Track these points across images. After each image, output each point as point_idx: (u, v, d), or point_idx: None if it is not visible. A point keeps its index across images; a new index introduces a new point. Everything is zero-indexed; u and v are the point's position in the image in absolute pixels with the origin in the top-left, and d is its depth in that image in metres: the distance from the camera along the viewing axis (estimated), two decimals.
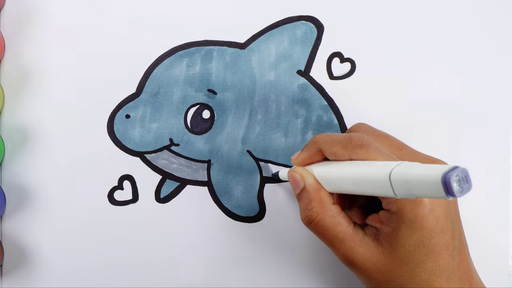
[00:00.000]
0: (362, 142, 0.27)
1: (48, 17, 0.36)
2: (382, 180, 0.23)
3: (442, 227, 0.26)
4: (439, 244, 0.26)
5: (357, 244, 0.27)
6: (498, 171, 0.37)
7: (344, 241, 0.27)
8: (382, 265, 0.27)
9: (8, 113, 0.36)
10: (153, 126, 0.36)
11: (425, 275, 0.26)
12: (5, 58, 0.36)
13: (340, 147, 0.27)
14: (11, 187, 0.36)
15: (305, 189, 0.29)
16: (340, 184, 0.27)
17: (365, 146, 0.27)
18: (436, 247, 0.26)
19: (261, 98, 0.36)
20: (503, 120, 0.37)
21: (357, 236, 0.27)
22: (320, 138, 0.29)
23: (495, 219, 0.36)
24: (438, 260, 0.26)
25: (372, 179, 0.24)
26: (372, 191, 0.25)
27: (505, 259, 0.36)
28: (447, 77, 0.37)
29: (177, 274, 0.36)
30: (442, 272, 0.26)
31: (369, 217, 0.28)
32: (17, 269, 0.36)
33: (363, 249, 0.27)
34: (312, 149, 0.29)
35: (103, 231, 0.36)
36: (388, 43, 0.37)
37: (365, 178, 0.25)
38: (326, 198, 0.28)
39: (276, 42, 0.36)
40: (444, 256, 0.26)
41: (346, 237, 0.27)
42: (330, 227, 0.28)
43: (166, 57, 0.36)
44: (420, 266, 0.26)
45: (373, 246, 0.27)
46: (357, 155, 0.27)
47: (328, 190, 0.28)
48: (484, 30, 0.37)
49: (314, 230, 0.28)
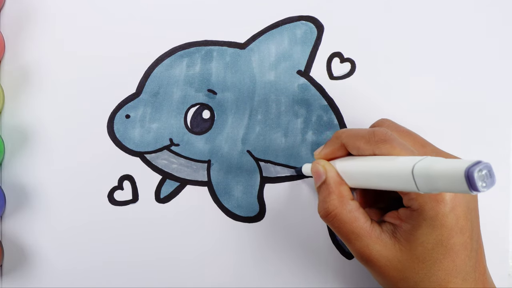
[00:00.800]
0: (385, 136, 0.27)
1: (48, 17, 0.36)
2: (405, 174, 0.23)
3: (462, 226, 0.26)
4: (457, 244, 0.26)
5: (373, 241, 0.27)
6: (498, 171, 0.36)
7: (360, 237, 0.27)
8: (398, 263, 0.26)
9: (8, 113, 0.36)
10: (153, 126, 0.36)
11: (442, 275, 0.26)
12: (5, 58, 0.36)
13: (363, 142, 0.27)
14: (11, 187, 0.36)
15: (326, 182, 0.28)
16: (362, 179, 0.27)
17: (388, 140, 0.26)
18: (455, 246, 0.26)
19: (261, 98, 0.36)
20: (503, 120, 0.37)
21: (374, 232, 0.27)
22: (343, 133, 0.29)
23: (495, 219, 0.36)
24: (455, 260, 0.26)
25: (395, 173, 0.24)
26: (395, 186, 0.25)
27: (505, 259, 0.36)
28: (447, 77, 0.37)
29: (177, 274, 0.36)
30: (459, 272, 0.26)
31: (387, 214, 0.28)
32: (17, 269, 0.36)
33: (380, 246, 0.27)
34: (335, 144, 0.29)
35: (103, 231, 0.36)
36: (388, 43, 0.37)
37: (388, 172, 0.25)
38: (346, 192, 0.28)
39: (276, 42, 0.36)
40: (461, 256, 0.26)
41: (362, 233, 0.27)
42: (347, 221, 0.27)
43: (166, 57, 0.36)
44: (437, 265, 0.26)
45: (390, 243, 0.27)
46: (381, 149, 0.26)
47: (350, 185, 0.28)
48: (484, 30, 0.37)
49: (330, 223, 0.28)
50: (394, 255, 0.26)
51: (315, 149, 0.36)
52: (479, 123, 0.37)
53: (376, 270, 0.27)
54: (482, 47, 0.37)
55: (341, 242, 0.36)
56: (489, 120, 0.37)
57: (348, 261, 0.36)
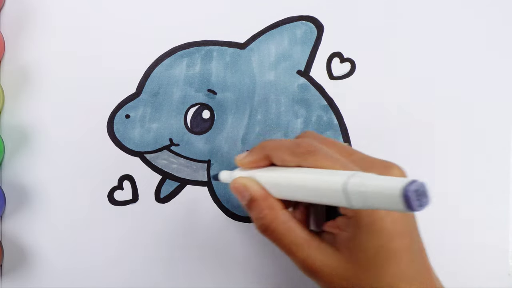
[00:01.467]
0: (311, 148, 0.26)
1: (48, 17, 0.36)
2: (335, 190, 0.23)
3: (401, 230, 0.25)
4: (399, 248, 0.25)
5: (314, 251, 0.26)
6: (498, 171, 0.37)
7: (301, 248, 0.26)
8: (343, 272, 0.26)
9: (8, 113, 0.36)
10: (153, 126, 0.36)
11: (388, 280, 0.25)
12: (5, 58, 0.36)
13: (288, 153, 0.27)
14: (11, 187, 0.36)
15: (253, 198, 0.28)
16: (289, 192, 0.26)
17: (314, 152, 0.26)
18: (397, 250, 0.25)
19: (261, 98, 0.36)
20: (503, 120, 0.37)
21: (314, 242, 0.26)
22: (268, 145, 0.28)
23: (495, 219, 0.36)
24: (399, 265, 0.25)
25: (324, 188, 0.24)
26: (325, 201, 0.24)
27: (505, 259, 0.36)
28: (447, 77, 0.37)
29: (177, 274, 0.36)
30: (404, 276, 0.25)
31: (326, 224, 0.27)
32: (17, 269, 0.36)
33: (322, 256, 0.26)
34: (260, 154, 0.28)
35: (103, 231, 0.36)
36: (388, 43, 0.37)
37: (318, 187, 0.24)
38: (275, 204, 0.27)
39: (276, 42, 0.36)
40: (405, 260, 0.25)
41: (302, 243, 0.26)
42: (285, 233, 0.27)
43: (166, 57, 0.36)
44: (382, 271, 0.25)
45: (331, 253, 0.26)
46: (307, 161, 0.26)
47: (275, 196, 0.27)
48: (484, 30, 0.37)
49: (270, 237, 0.27)
50: (337, 264, 0.26)
51: None
52: (479, 123, 0.37)
53: (322, 281, 0.26)
54: (482, 47, 0.37)
55: None
56: (489, 120, 0.37)
57: None
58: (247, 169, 0.29)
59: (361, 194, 0.21)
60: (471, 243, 0.36)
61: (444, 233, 0.36)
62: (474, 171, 0.37)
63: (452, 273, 0.36)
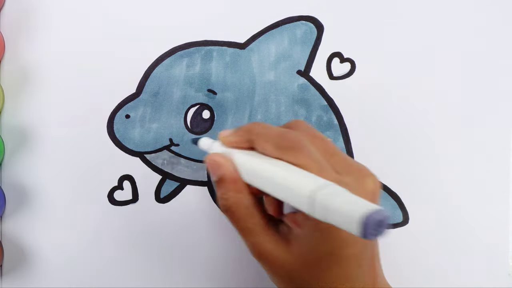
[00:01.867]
0: (295, 143, 0.26)
1: (48, 17, 0.36)
2: (303, 195, 0.23)
3: (355, 239, 0.25)
4: (349, 255, 0.25)
5: (266, 239, 0.27)
6: (498, 171, 0.37)
7: (255, 233, 0.27)
8: (287, 264, 0.26)
9: (8, 113, 0.36)
10: (153, 126, 0.36)
11: (329, 281, 0.25)
12: (5, 58, 0.36)
13: (271, 144, 0.26)
14: (11, 187, 0.36)
15: (223, 177, 0.28)
16: (260, 182, 0.26)
17: (296, 148, 0.26)
18: (346, 257, 0.25)
19: (261, 98, 0.36)
20: (503, 120, 0.37)
21: (269, 231, 0.27)
22: (255, 129, 0.28)
23: (495, 219, 0.36)
24: (345, 269, 0.25)
25: (293, 190, 0.24)
26: (290, 201, 0.24)
27: (505, 259, 0.36)
28: (447, 77, 0.37)
29: (177, 274, 0.36)
30: (347, 279, 0.25)
31: (287, 215, 0.28)
32: (17, 269, 0.36)
33: (272, 245, 0.26)
34: (244, 137, 0.28)
35: (103, 231, 0.36)
36: (388, 43, 0.37)
37: (287, 186, 0.24)
38: (243, 187, 0.27)
39: (276, 42, 0.36)
40: (351, 265, 0.25)
41: (257, 230, 0.27)
42: (244, 218, 0.27)
43: (166, 57, 0.36)
44: (326, 273, 0.25)
45: (282, 245, 0.26)
46: (287, 156, 0.26)
47: (246, 180, 0.27)
48: (484, 30, 0.37)
49: (229, 218, 0.28)
50: (284, 256, 0.26)
51: None
52: (479, 123, 0.37)
53: (267, 268, 0.27)
54: (482, 47, 0.37)
55: None
56: (489, 120, 0.37)
57: None
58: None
59: (326, 208, 0.22)
60: (471, 243, 0.36)
61: (444, 233, 0.36)
62: (474, 171, 0.37)
63: (452, 273, 0.36)
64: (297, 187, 0.23)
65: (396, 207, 0.36)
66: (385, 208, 0.37)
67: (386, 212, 0.20)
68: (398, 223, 0.36)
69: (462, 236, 0.36)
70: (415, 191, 0.36)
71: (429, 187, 0.36)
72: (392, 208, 0.36)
